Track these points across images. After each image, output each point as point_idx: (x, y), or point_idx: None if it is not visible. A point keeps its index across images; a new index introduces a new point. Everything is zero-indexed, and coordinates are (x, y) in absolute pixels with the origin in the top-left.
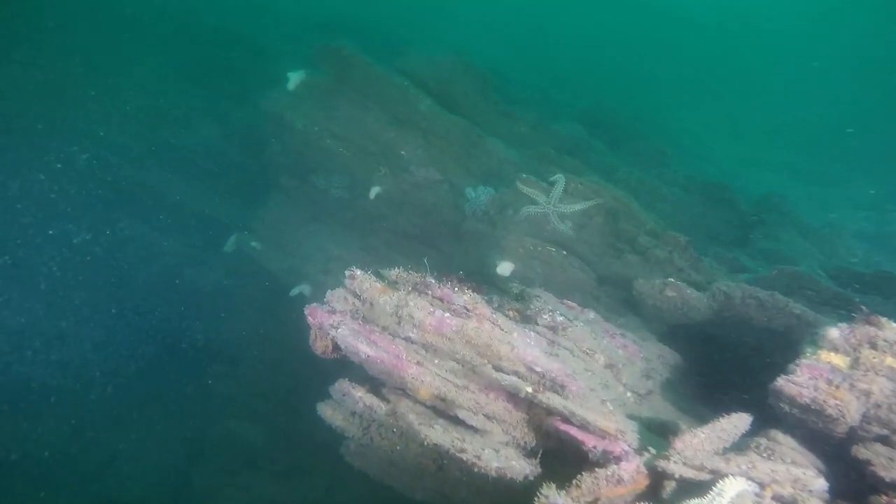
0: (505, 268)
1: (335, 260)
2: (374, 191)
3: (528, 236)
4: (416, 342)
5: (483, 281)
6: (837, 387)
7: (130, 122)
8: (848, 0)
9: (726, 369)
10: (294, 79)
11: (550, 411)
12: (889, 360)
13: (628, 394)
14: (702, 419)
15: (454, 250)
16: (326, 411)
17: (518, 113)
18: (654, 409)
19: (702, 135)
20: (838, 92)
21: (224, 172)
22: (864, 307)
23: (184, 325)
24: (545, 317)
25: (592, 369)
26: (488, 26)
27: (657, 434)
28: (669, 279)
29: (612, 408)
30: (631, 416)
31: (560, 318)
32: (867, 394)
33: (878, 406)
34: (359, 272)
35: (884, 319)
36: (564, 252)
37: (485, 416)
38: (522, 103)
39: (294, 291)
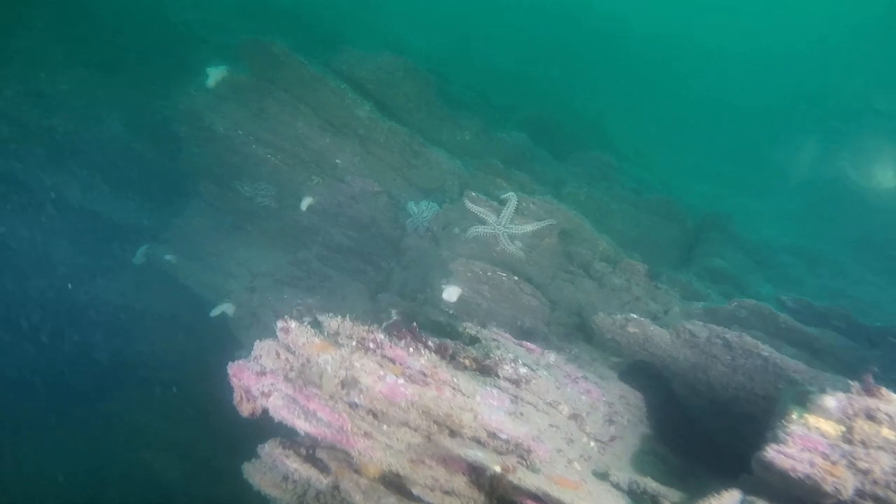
0: (451, 293)
1: (262, 276)
2: (306, 201)
3: (475, 259)
4: (363, 407)
5: (426, 303)
6: (835, 463)
7: (10, 109)
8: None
9: (690, 408)
10: (215, 76)
11: (521, 491)
12: (886, 432)
13: (592, 443)
14: (667, 464)
15: (393, 267)
16: (255, 476)
17: (462, 119)
18: (619, 457)
19: (637, 142)
20: (760, 101)
21: (133, 173)
22: (872, 372)
23: (83, 344)
24: (507, 368)
25: (557, 423)
26: (426, 19)
27: (632, 497)
28: (632, 315)
29: (579, 468)
30: (598, 474)
31: (523, 371)
32: (866, 472)
33: (875, 483)
34: (293, 324)
35: (884, 390)
36: (516, 277)
37: (443, 492)
38: (466, 108)
39: (215, 311)
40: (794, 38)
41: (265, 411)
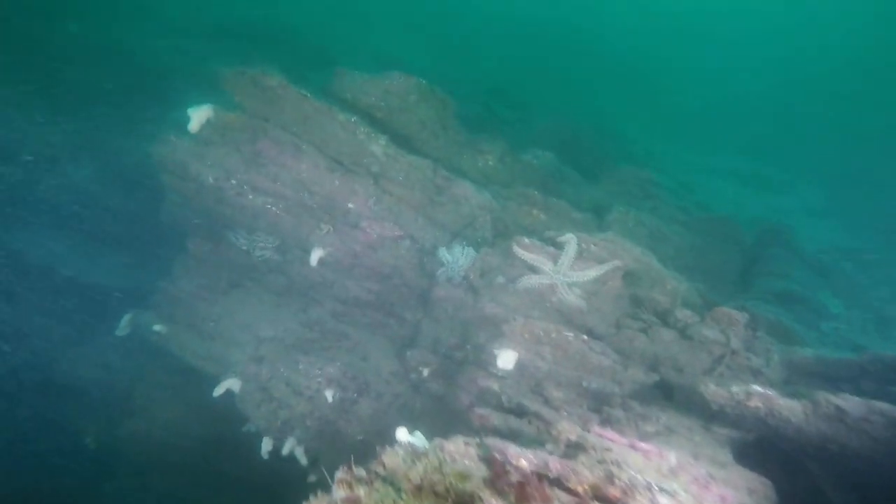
0: (507, 359)
1: (269, 342)
2: (316, 255)
3: (527, 311)
4: None
5: (467, 363)
6: None
7: None
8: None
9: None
10: (198, 117)
11: None
12: None
13: None
14: None
15: (421, 319)
16: None
17: (483, 143)
18: None
19: (645, 143)
20: (770, 91)
21: (106, 226)
22: None
23: (63, 428)
24: (643, 501)
25: None
26: (408, 31)
27: None
28: (754, 387)
29: None
30: None
31: (665, 502)
32: None
33: None
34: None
35: None
36: (584, 336)
37: None
38: (485, 130)
39: (219, 389)
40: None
41: None
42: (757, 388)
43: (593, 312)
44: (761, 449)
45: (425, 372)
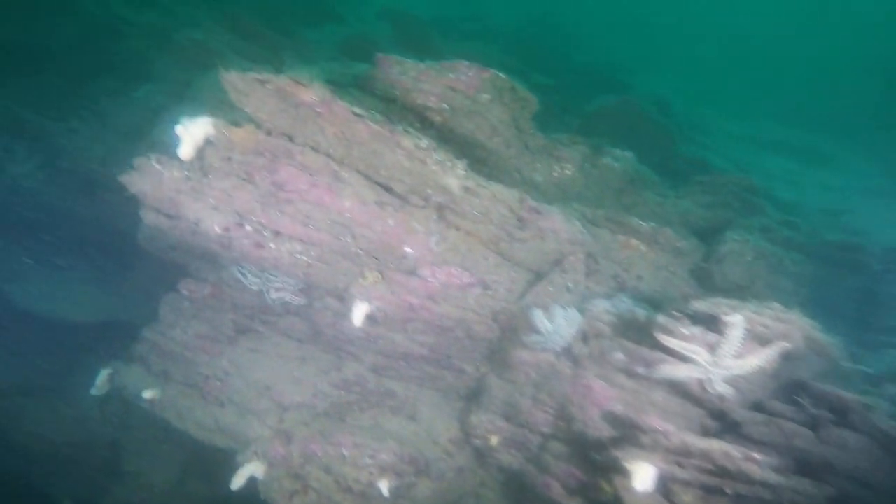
0: (644, 477)
1: (295, 410)
2: (360, 311)
3: (685, 431)
4: None
5: (558, 440)
6: None
7: None
8: None
9: None
10: (191, 138)
11: None
12: None
13: None
14: None
15: (488, 375)
16: None
17: (562, 147)
18: None
19: (683, 109)
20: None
21: (68, 244)
22: None
23: (33, 495)
24: None
25: None
26: None
27: None
28: None
29: None
30: None
31: None
32: None
33: None
34: None
35: None
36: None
37: None
38: (561, 128)
39: (238, 480)
40: None
41: None
42: None
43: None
44: None
45: (494, 440)
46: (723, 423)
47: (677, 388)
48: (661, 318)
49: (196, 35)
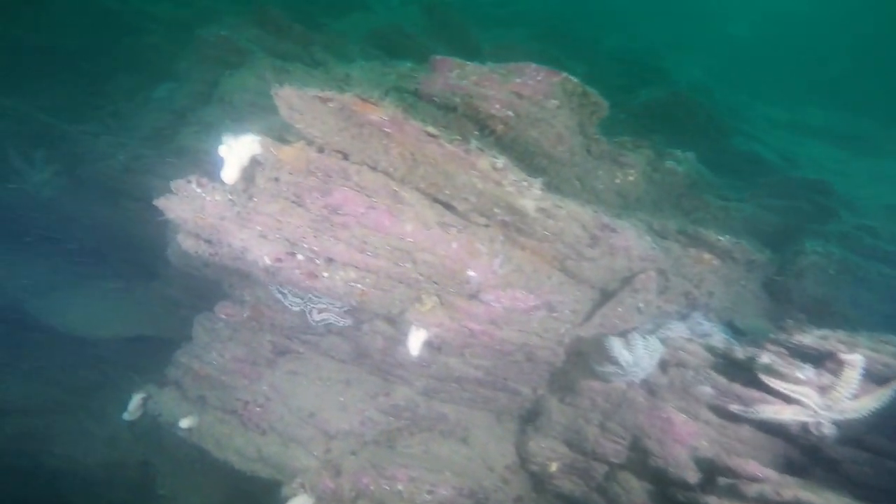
0: None
1: (343, 439)
2: (417, 339)
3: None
4: None
5: (628, 472)
6: None
7: None
8: None
9: None
10: (236, 157)
11: None
12: None
13: None
14: None
15: (547, 399)
16: None
17: (626, 153)
18: None
19: (720, 92)
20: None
21: (91, 260)
22: None
23: None
24: None
25: None
26: None
27: None
28: None
29: None
30: None
31: None
32: None
33: None
34: None
35: None
36: None
37: None
38: (613, 125)
39: None
40: None
41: None
42: None
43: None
44: None
45: (553, 466)
46: (813, 458)
47: (769, 426)
48: (765, 358)
49: (221, 31)
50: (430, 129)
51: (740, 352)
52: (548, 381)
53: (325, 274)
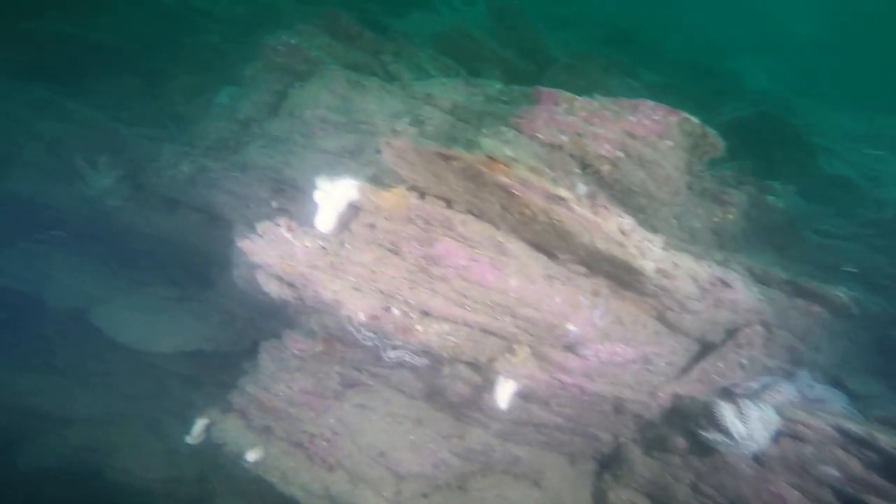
0: None
1: (414, 481)
2: (506, 390)
3: None
4: None
5: None
6: None
7: None
8: None
9: None
10: (332, 201)
11: None
12: None
13: None
14: None
15: (629, 447)
16: None
17: (729, 189)
18: None
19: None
20: None
21: (149, 268)
22: None
23: None
24: None
25: None
26: None
27: None
28: None
29: None
30: None
31: None
32: None
33: None
34: None
35: None
36: None
37: None
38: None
39: None
40: None
41: None
42: None
43: None
44: None
45: None
46: None
47: None
48: None
49: (291, 38)
50: (562, 192)
51: (868, 430)
52: (633, 430)
53: (419, 328)
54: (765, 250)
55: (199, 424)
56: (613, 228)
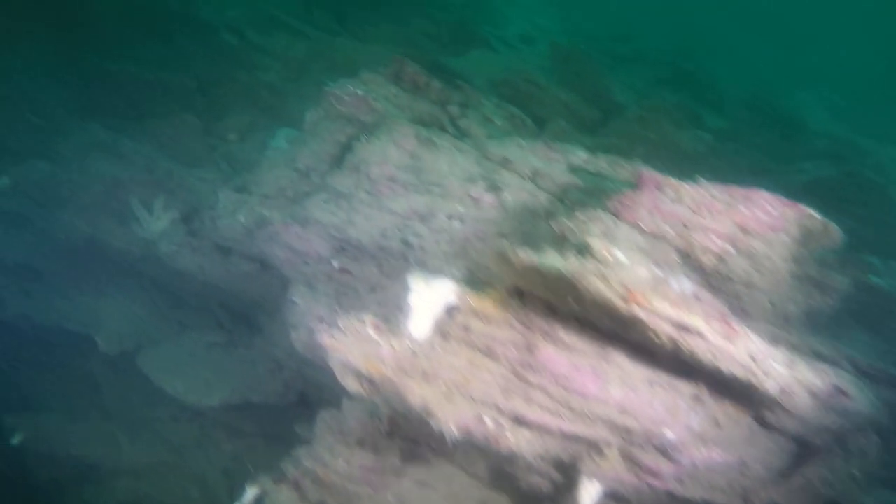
0: None
1: None
2: (590, 493)
3: None
4: None
5: None
6: None
7: None
8: None
9: None
10: (426, 309)
11: None
12: None
13: None
14: None
15: None
16: None
17: (832, 273)
18: None
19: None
20: None
21: (195, 311)
22: None
23: None
24: None
25: None
26: None
27: None
28: None
29: None
30: None
31: None
32: None
33: None
34: None
35: None
36: None
37: None
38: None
39: None
40: None
41: None
42: None
43: None
44: None
45: None
46: None
47: None
48: None
49: (357, 89)
50: (697, 323)
51: None
52: None
53: (509, 435)
54: (863, 334)
55: (249, 494)
56: (743, 353)
